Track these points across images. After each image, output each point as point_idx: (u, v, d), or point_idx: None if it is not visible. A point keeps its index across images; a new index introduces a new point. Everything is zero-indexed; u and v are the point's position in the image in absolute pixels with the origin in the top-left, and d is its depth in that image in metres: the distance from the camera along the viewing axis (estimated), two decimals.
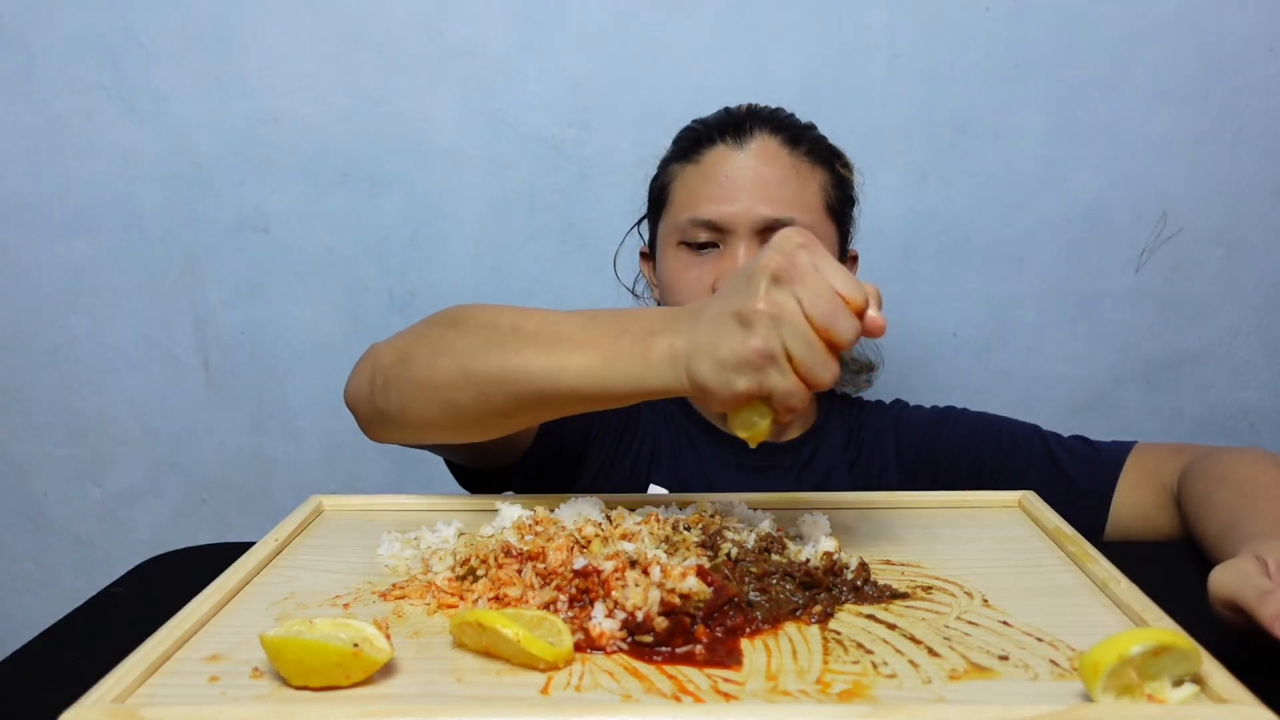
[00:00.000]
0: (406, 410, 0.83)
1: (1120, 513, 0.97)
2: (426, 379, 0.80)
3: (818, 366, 0.63)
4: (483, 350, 0.78)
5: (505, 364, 0.76)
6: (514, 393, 0.76)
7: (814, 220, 1.04)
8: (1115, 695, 0.51)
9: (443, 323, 0.84)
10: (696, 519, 0.77)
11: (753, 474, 1.07)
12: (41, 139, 1.41)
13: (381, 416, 0.86)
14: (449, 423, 0.82)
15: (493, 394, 0.77)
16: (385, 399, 0.84)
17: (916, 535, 0.79)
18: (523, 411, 0.78)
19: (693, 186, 1.05)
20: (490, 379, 0.77)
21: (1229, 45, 1.36)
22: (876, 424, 1.13)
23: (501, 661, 0.58)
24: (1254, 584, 0.60)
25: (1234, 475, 0.84)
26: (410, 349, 0.83)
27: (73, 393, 1.48)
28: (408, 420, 0.84)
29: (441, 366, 0.79)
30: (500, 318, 0.79)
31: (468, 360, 0.78)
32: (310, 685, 0.55)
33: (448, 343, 0.80)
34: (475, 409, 0.79)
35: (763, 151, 1.04)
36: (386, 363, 0.84)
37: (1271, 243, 1.42)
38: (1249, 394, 1.46)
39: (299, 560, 0.76)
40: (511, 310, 0.81)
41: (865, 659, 0.59)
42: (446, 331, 0.82)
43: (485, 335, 0.78)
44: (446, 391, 0.79)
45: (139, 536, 1.52)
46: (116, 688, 0.54)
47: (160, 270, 1.44)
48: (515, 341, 0.76)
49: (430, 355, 0.81)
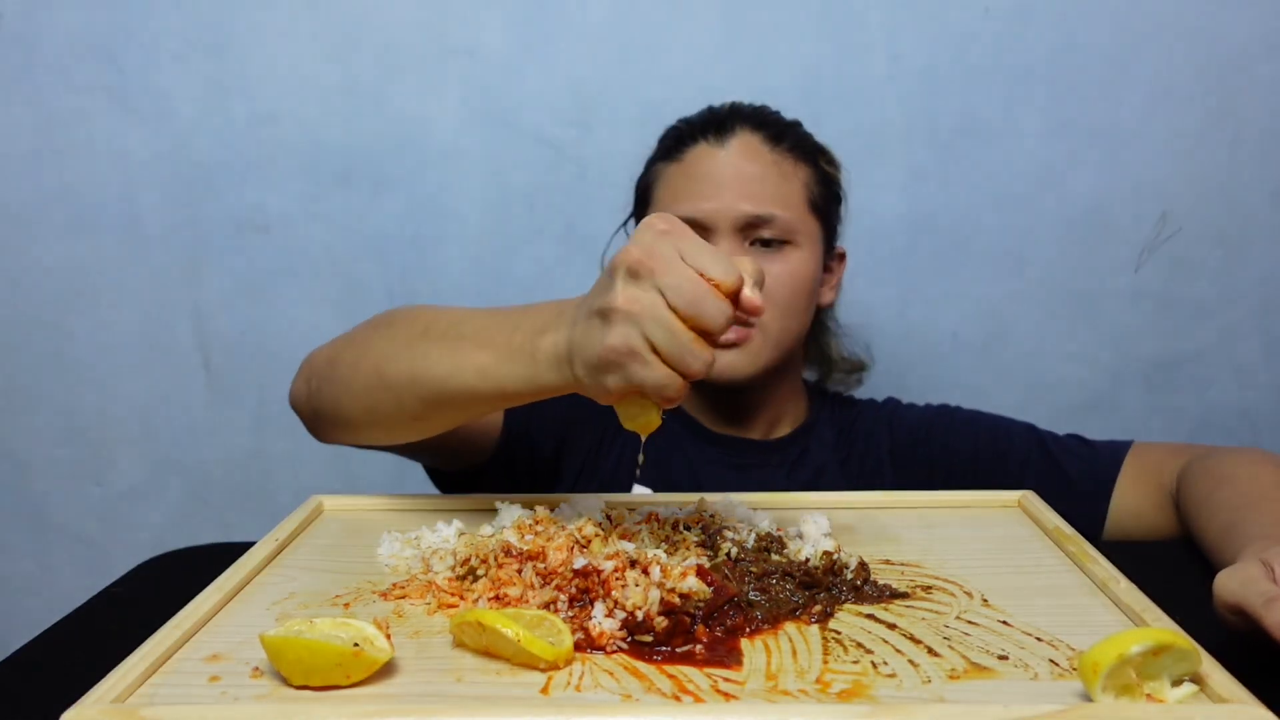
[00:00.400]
0: (337, 411, 0.85)
1: (1118, 513, 0.97)
2: (349, 381, 0.82)
3: (686, 355, 0.62)
4: (395, 353, 0.79)
5: (413, 366, 0.77)
6: (421, 395, 0.77)
7: (796, 216, 1.04)
8: (1115, 695, 0.51)
9: (372, 325, 0.86)
10: (696, 519, 0.77)
11: (740, 472, 1.07)
12: (41, 139, 1.41)
13: (317, 417, 0.89)
14: (372, 424, 0.83)
15: (404, 396, 0.78)
16: (319, 400, 0.86)
17: (916, 535, 0.79)
18: (432, 413, 0.79)
19: (674, 185, 1.05)
20: (400, 381, 0.78)
21: (1229, 45, 1.36)
22: (869, 422, 1.12)
23: (501, 661, 0.58)
24: (1260, 589, 0.60)
25: (1234, 476, 0.84)
26: (339, 351, 0.86)
27: (73, 393, 1.48)
28: (338, 421, 0.86)
29: (362, 369, 0.81)
30: (419, 318, 0.81)
31: (382, 363, 0.79)
32: (310, 685, 0.55)
33: (370, 345, 0.82)
34: (391, 411, 0.80)
35: (744, 148, 1.04)
36: (319, 366, 0.87)
37: (1271, 243, 1.42)
38: (1249, 394, 1.46)
39: (299, 560, 0.76)
40: (431, 311, 0.82)
41: (865, 659, 0.59)
42: (371, 334, 0.84)
43: (401, 337, 0.80)
44: (366, 394, 0.81)
45: (139, 536, 1.52)
46: (116, 688, 0.54)
47: (160, 270, 1.44)
48: (423, 343, 0.77)
49: (354, 358, 0.83)
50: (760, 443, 1.10)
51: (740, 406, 1.09)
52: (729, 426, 1.10)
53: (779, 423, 1.12)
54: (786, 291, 1.03)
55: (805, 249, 1.04)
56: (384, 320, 0.86)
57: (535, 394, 0.72)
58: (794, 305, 1.04)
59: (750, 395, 1.08)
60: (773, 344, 1.03)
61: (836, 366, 1.18)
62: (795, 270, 1.03)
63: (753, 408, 1.09)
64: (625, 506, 0.82)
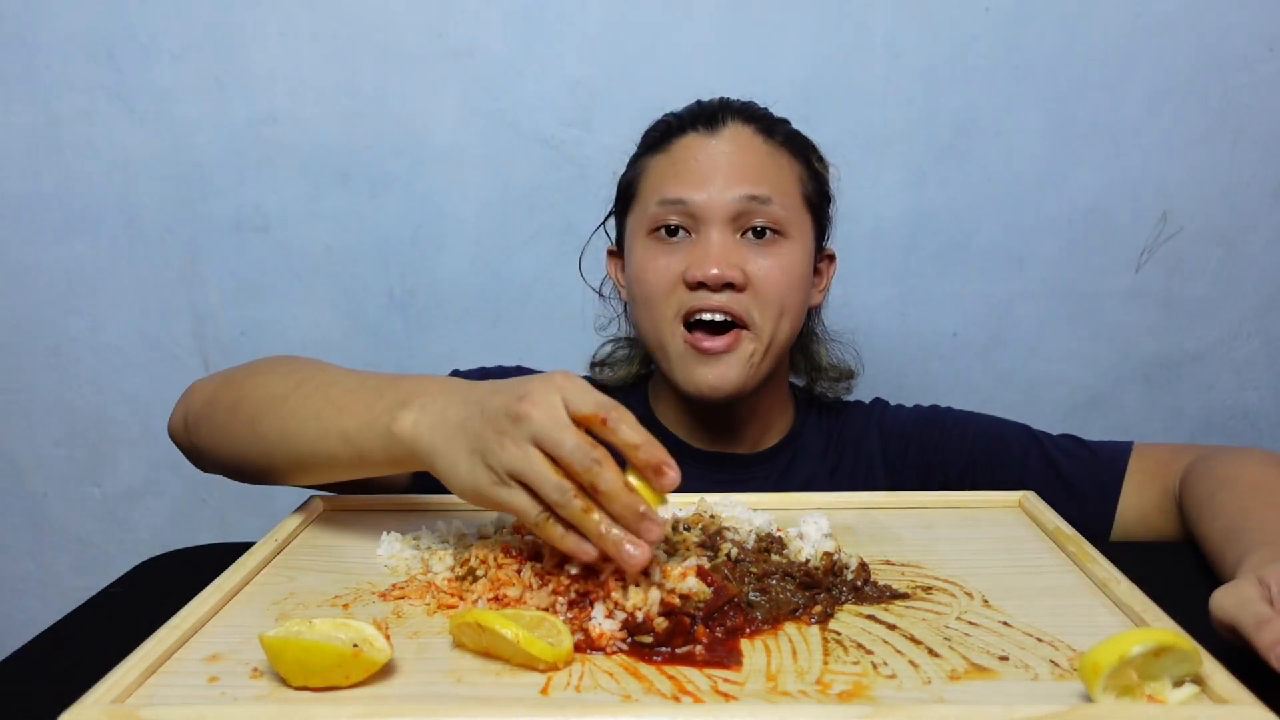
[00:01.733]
0: (214, 451, 0.85)
1: (1125, 516, 0.95)
2: (226, 426, 0.82)
3: (569, 504, 0.62)
4: (268, 408, 0.78)
5: (283, 425, 0.77)
6: (291, 454, 0.77)
7: (790, 206, 0.99)
8: (1115, 696, 0.51)
9: (251, 370, 0.85)
10: (696, 519, 0.77)
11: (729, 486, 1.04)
12: (41, 139, 1.41)
13: (195, 453, 0.88)
14: (247, 470, 0.83)
15: (275, 452, 0.78)
16: (196, 436, 0.86)
17: (916, 535, 0.79)
18: (299, 472, 0.79)
19: (662, 173, 1.01)
20: (271, 437, 0.78)
21: (1229, 45, 1.36)
22: (858, 427, 1.09)
23: (501, 662, 0.58)
24: (1253, 611, 0.60)
25: (1236, 478, 0.83)
26: (218, 393, 0.85)
27: (73, 393, 1.48)
28: (216, 460, 0.86)
29: (237, 419, 0.81)
30: (291, 376, 0.80)
31: (257, 417, 0.79)
32: (310, 685, 0.55)
33: (245, 392, 0.82)
34: (262, 463, 0.81)
35: (736, 138, 0.99)
36: (197, 404, 0.86)
37: (1271, 243, 1.42)
38: (1249, 394, 1.46)
39: (299, 560, 0.75)
40: (304, 368, 0.81)
41: (865, 659, 0.58)
42: (248, 381, 0.83)
43: (275, 391, 0.79)
44: (238, 442, 0.81)
45: (139, 536, 1.52)
46: (116, 688, 0.54)
47: (160, 270, 1.44)
48: (293, 400, 0.77)
49: (230, 403, 0.82)
50: (747, 456, 1.07)
51: (727, 420, 1.05)
52: (715, 442, 1.06)
53: (766, 433, 1.08)
54: (780, 286, 0.97)
55: (797, 242, 1.00)
56: (264, 367, 0.85)
57: (394, 466, 0.72)
58: (787, 301, 0.98)
59: (737, 408, 1.03)
60: (763, 349, 0.98)
61: (825, 374, 1.12)
62: (788, 264, 0.98)
63: (739, 421, 1.05)
64: None
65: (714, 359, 0.97)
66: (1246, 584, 0.63)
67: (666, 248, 0.99)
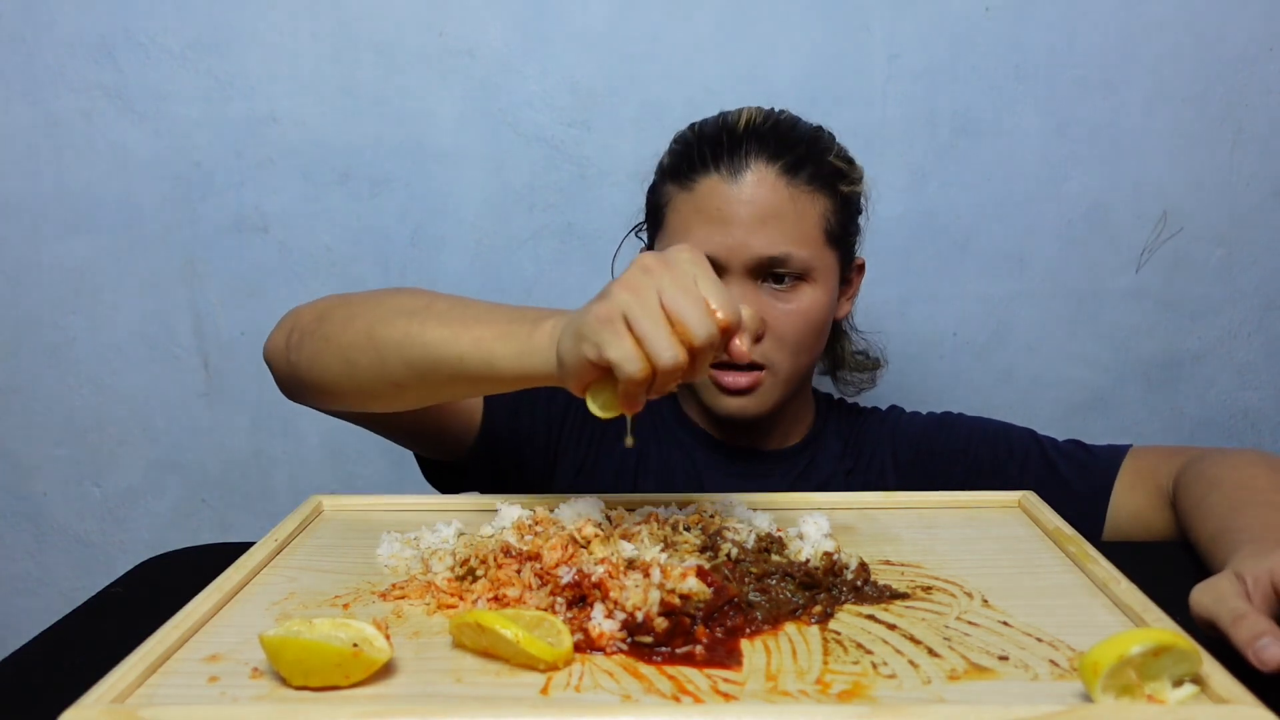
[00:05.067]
0: (312, 367, 0.85)
1: (1117, 516, 0.97)
2: (335, 336, 0.83)
3: (659, 343, 0.63)
4: (391, 317, 0.80)
5: (407, 331, 0.78)
6: (407, 358, 0.78)
7: (812, 253, 1.00)
8: (1115, 695, 0.51)
9: (368, 293, 0.87)
10: (696, 519, 0.77)
11: (747, 481, 1.06)
12: (41, 139, 1.41)
13: (292, 371, 0.88)
14: (347, 385, 0.84)
15: (389, 359, 0.79)
16: (298, 354, 0.86)
17: (916, 535, 0.79)
18: (414, 381, 0.80)
19: (685, 216, 1.01)
20: (390, 343, 0.79)
21: (1229, 45, 1.36)
22: (874, 432, 1.11)
23: (501, 662, 0.58)
24: (1230, 606, 0.60)
25: (1227, 479, 0.83)
26: (330, 308, 0.86)
27: (73, 393, 1.48)
28: (313, 378, 0.86)
29: (352, 328, 0.82)
30: (421, 295, 0.82)
31: (376, 324, 0.80)
32: (310, 685, 0.55)
33: (365, 308, 0.83)
34: (372, 373, 0.81)
35: (759, 184, 0.98)
36: (305, 320, 0.87)
37: (1271, 243, 1.41)
38: (1249, 394, 1.46)
39: (299, 560, 0.76)
40: (434, 294, 0.83)
41: (865, 659, 0.59)
42: (367, 298, 0.85)
43: (400, 305, 0.81)
44: (349, 351, 0.81)
45: (139, 536, 1.52)
46: (116, 688, 0.54)
47: (160, 270, 1.44)
48: (423, 314, 0.78)
49: (345, 316, 0.83)
50: (768, 452, 1.10)
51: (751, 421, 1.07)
52: (739, 439, 1.09)
53: (789, 434, 1.11)
54: (797, 331, 1.00)
55: (819, 283, 1.01)
56: (382, 291, 0.87)
57: (519, 377, 0.73)
58: (804, 344, 1.02)
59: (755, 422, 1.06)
60: (784, 383, 1.02)
61: (848, 366, 1.17)
62: (807, 309, 1.00)
63: (763, 422, 1.07)
64: (625, 507, 0.82)
65: (736, 394, 1.00)
66: (1224, 580, 0.64)
67: None
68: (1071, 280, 1.43)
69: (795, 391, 1.06)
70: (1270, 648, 0.57)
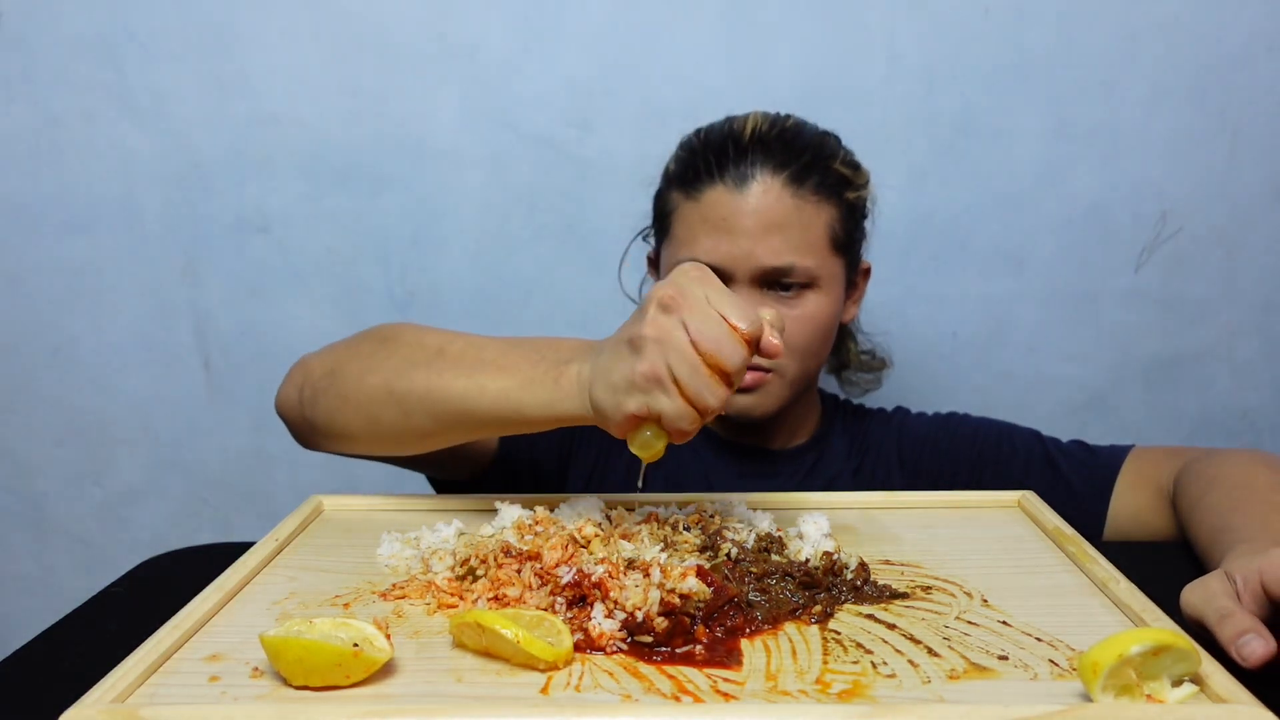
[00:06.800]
0: (332, 422, 0.85)
1: (1117, 516, 0.97)
2: (353, 393, 0.83)
3: (704, 391, 0.65)
4: (408, 369, 0.80)
5: (428, 383, 0.78)
6: (434, 412, 0.78)
7: (818, 262, 1.00)
8: (1114, 695, 0.51)
9: (373, 339, 0.86)
10: (696, 519, 0.77)
11: (754, 481, 1.07)
12: (41, 139, 1.41)
13: (309, 427, 0.89)
14: (371, 437, 0.84)
15: (413, 412, 0.79)
16: (313, 410, 0.87)
17: (916, 535, 0.79)
18: (441, 431, 0.81)
19: (692, 225, 1.01)
20: (413, 397, 0.79)
21: (1229, 45, 1.36)
22: (879, 432, 1.12)
23: (501, 662, 0.58)
24: (1217, 606, 0.61)
25: (1225, 478, 0.84)
26: (340, 363, 0.86)
27: (73, 392, 1.48)
28: (333, 432, 0.86)
29: (368, 383, 0.82)
30: (427, 339, 0.82)
31: (393, 378, 0.80)
32: (310, 685, 0.55)
33: (376, 360, 0.83)
34: (396, 426, 0.81)
35: (764, 195, 0.98)
36: (316, 375, 0.87)
37: (1271, 243, 1.41)
38: (1249, 394, 1.46)
39: (299, 560, 0.76)
40: (439, 332, 0.83)
41: (865, 659, 0.59)
42: (376, 349, 0.84)
43: (412, 354, 0.81)
44: (369, 407, 0.82)
45: (139, 536, 1.52)
46: (116, 688, 0.54)
47: (160, 270, 1.44)
48: (439, 362, 0.78)
49: (359, 371, 0.83)
50: (775, 452, 1.10)
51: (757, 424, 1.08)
52: (746, 437, 1.10)
53: (795, 433, 1.12)
54: (804, 337, 1.01)
55: (825, 290, 1.02)
56: (386, 335, 0.86)
57: (553, 421, 0.74)
58: (811, 348, 1.03)
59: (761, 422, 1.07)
60: (789, 385, 1.03)
61: (856, 366, 1.19)
62: (814, 315, 1.01)
63: (770, 422, 1.08)
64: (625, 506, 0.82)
65: (742, 392, 1.01)
66: (1213, 579, 0.64)
67: None
68: (1071, 280, 1.43)
69: (801, 393, 1.07)
70: (1252, 643, 0.57)
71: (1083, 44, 1.36)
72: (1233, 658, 0.57)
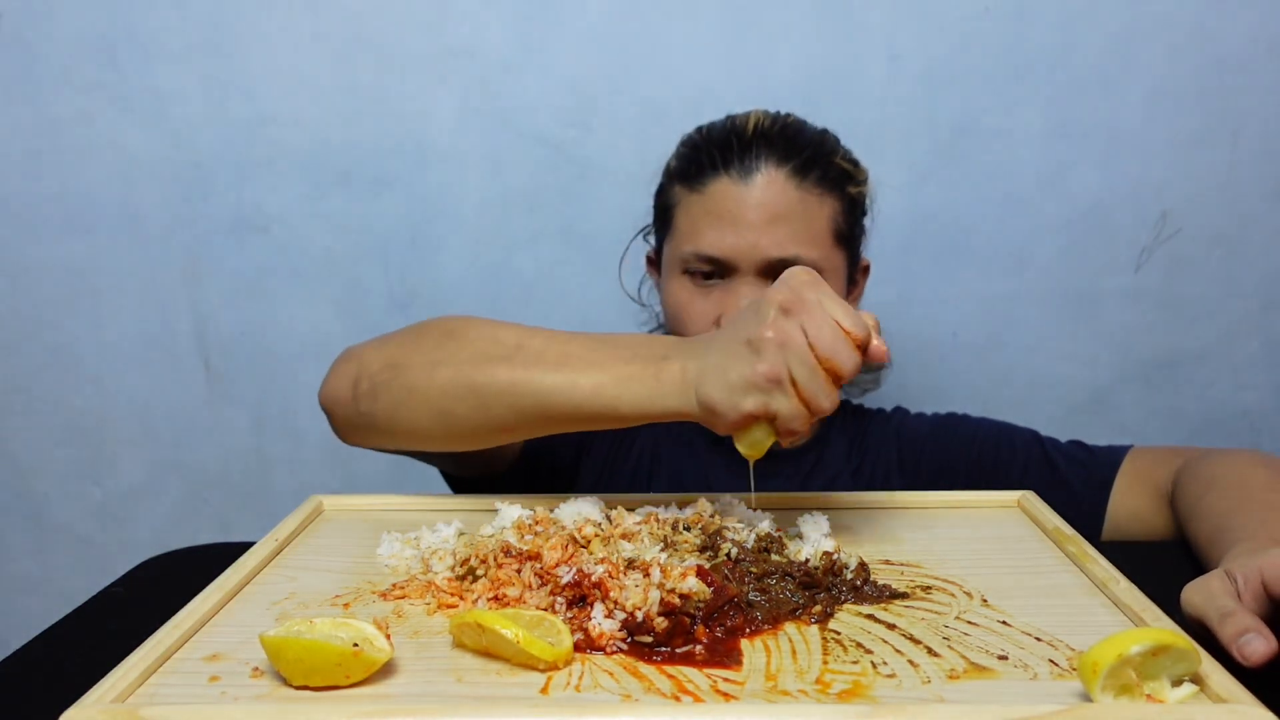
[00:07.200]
0: (396, 417, 0.83)
1: (1116, 516, 0.97)
2: (423, 386, 0.81)
3: (819, 393, 0.68)
4: (488, 363, 0.78)
5: (513, 377, 0.77)
6: (519, 406, 0.77)
7: (822, 254, 1.01)
8: (1114, 695, 0.51)
9: (438, 332, 0.84)
10: (696, 519, 0.77)
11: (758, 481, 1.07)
12: (41, 139, 1.41)
13: (365, 421, 0.85)
14: (441, 432, 0.82)
15: (494, 406, 0.78)
16: (371, 403, 0.84)
17: (916, 535, 0.79)
18: (523, 425, 0.80)
19: (696, 218, 1.02)
20: (494, 391, 0.78)
21: (1229, 45, 1.36)
22: (879, 433, 1.12)
23: (501, 662, 0.58)
24: (1218, 605, 0.61)
25: (1224, 479, 0.84)
26: (404, 355, 0.83)
27: (73, 393, 1.48)
28: (396, 427, 0.84)
29: (441, 375, 0.80)
30: (502, 333, 0.81)
31: (472, 371, 0.79)
32: (310, 685, 0.55)
33: (447, 353, 0.81)
34: (472, 420, 0.80)
35: (769, 186, 0.99)
36: (375, 368, 0.84)
37: (1271, 243, 1.41)
38: (1248, 394, 1.46)
39: (299, 560, 0.76)
40: (511, 326, 0.82)
41: (865, 659, 0.59)
42: (444, 341, 0.82)
43: (489, 349, 0.79)
44: (443, 400, 0.80)
45: (139, 536, 1.52)
46: (116, 688, 0.54)
47: (160, 270, 1.44)
48: (521, 357, 0.78)
49: (428, 364, 0.81)
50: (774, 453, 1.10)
51: None
52: None
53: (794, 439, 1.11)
54: None
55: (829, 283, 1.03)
56: (451, 328, 0.83)
57: (648, 417, 0.75)
58: None
59: None
60: None
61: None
62: None
63: None
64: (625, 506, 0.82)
65: None
66: (1214, 578, 0.64)
67: (701, 291, 1.02)
68: (1071, 280, 1.43)
69: None
70: (1253, 642, 0.57)
71: (1083, 44, 1.36)
72: (1234, 657, 0.57)
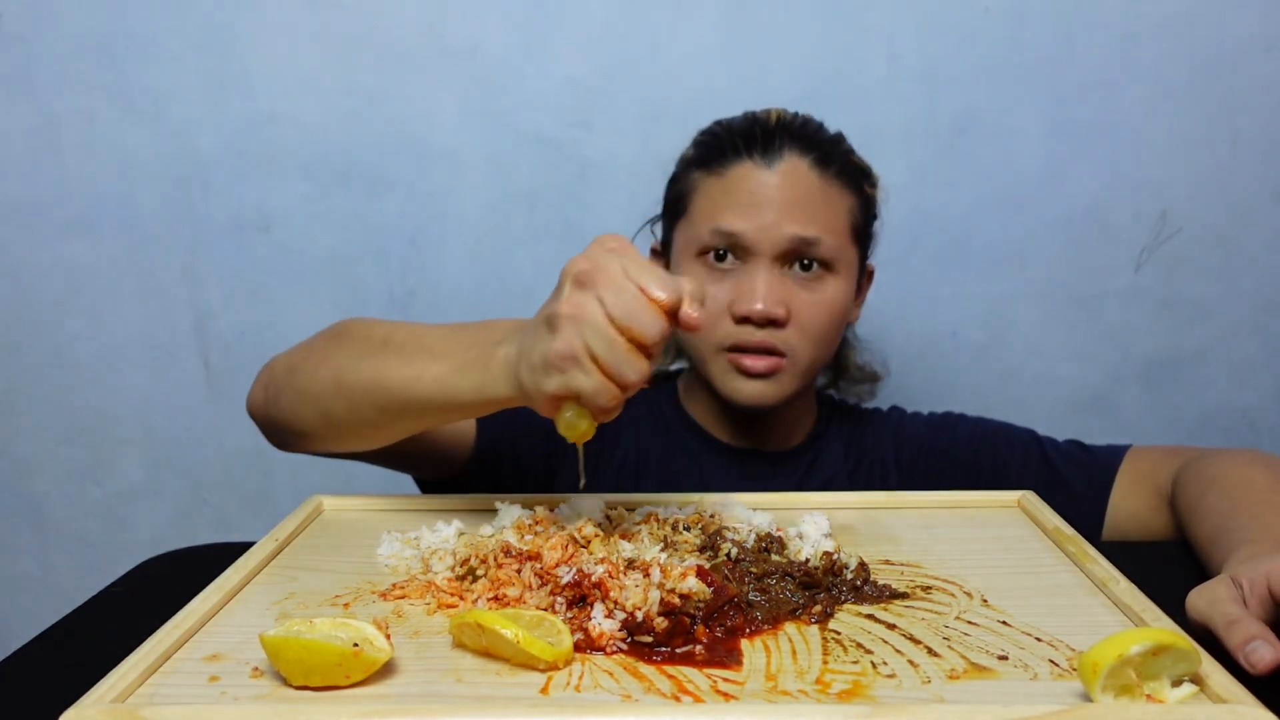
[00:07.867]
0: (291, 419, 0.86)
1: (1116, 516, 0.97)
2: (306, 388, 0.83)
3: (622, 365, 0.64)
4: (354, 361, 0.80)
5: (372, 374, 0.78)
6: (378, 402, 0.79)
7: (840, 244, 1.01)
8: (1114, 695, 0.51)
9: (329, 335, 0.87)
10: (696, 519, 0.77)
11: (752, 482, 1.07)
12: (41, 139, 1.40)
13: (273, 425, 0.90)
14: (326, 432, 0.85)
15: (360, 403, 0.80)
16: (275, 407, 0.88)
17: (916, 535, 0.79)
18: (386, 421, 0.81)
19: (715, 197, 1.01)
20: (358, 389, 0.79)
21: (1229, 45, 1.36)
22: (876, 433, 1.12)
23: (501, 662, 0.58)
24: (1224, 611, 0.61)
25: (1224, 479, 0.84)
26: (301, 359, 0.86)
27: (73, 393, 1.48)
28: (293, 429, 0.87)
29: (320, 378, 0.82)
30: (375, 330, 0.82)
31: (341, 371, 0.81)
32: (310, 685, 0.55)
33: (328, 354, 0.83)
34: (346, 419, 0.82)
35: (792, 172, 0.99)
36: (278, 374, 0.88)
37: (1271, 243, 1.41)
38: (1248, 394, 1.46)
39: (299, 560, 0.76)
40: (388, 324, 0.83)
41: (865, 659, 0.59)
42: (329, 343, 0.85)
43: (360, 347, 0.81)
44: (321, 401, 0.82)
45: (139, 536, 1.52)
46: (116, 688, 0.54)
47: (160, 270, 1.44)
48: (383, 353, 0.79)
49: (313, 366, 0.84)
50: (772, 453, 1.10)
51: (756, 420, 1.08)
52: (743, 439, 1.09)
53: (792, 434, 1.11)
54: (821, 322, 1.01)
55: (842, 277, 1.02)
56: (341, 330, 0.87)
57: (485, 404, 0.73)
58: (825, 336, 1.03)
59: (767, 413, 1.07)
60: (801, 373, 1.02)
61: (850, 377, 1.18)
62: (830, 300, 1.01)
63: (768, 421, 1.08)
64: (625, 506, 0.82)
65: (755, 377, 1.00)
66: (1219, 584, 0.64)
67: (716, 275, 1.01)
68: (1071, 280, 1.43)
69: (806, 386, 1.06)
70: (1260, 650, 0.57)
71: (1083, 44, 1.36)
72: (1240, 664, 0.57)
